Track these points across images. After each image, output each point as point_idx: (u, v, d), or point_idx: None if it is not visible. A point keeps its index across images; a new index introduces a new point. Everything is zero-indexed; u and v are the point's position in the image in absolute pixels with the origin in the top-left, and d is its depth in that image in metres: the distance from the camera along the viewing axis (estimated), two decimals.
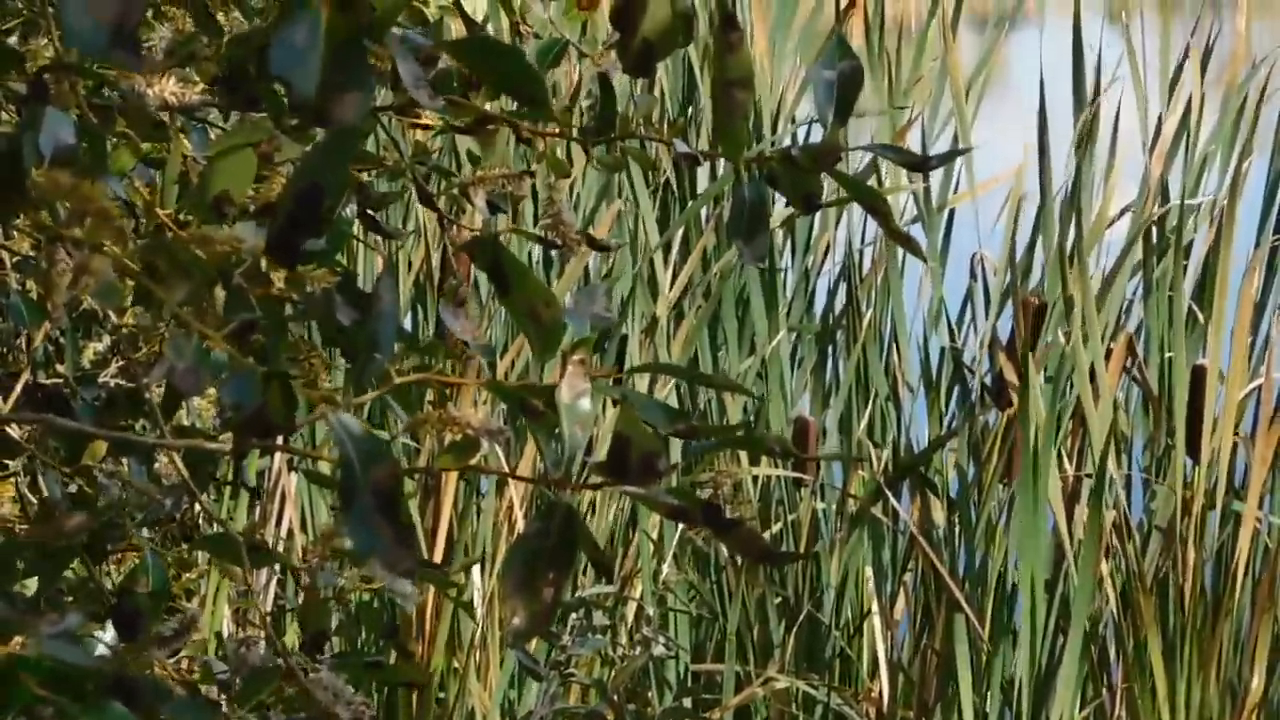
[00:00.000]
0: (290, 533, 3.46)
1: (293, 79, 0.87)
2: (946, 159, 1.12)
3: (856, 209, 4.30)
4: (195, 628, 1.04)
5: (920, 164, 1.10)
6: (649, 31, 1.04)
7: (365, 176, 1.37)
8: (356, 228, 1.43)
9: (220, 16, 1.26)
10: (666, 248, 3.97)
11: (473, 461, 1.01)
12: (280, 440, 1.04)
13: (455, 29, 1.53)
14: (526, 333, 0.95)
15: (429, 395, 2.83)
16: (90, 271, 0.96)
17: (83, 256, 0.95)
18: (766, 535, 3.85)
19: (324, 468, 2.63)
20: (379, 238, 3.34)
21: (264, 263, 1.04)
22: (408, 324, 3.78)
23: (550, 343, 0.94)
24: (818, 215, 4.36)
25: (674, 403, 3.79)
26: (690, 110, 4.53)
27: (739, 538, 0.96)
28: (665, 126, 1.81)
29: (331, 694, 0.95)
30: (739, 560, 3.54)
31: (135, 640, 1.08)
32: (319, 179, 0.85)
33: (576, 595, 2.56)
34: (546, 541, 0.92)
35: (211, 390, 1.00)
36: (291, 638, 3.05)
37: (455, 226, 1.32)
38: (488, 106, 1.29)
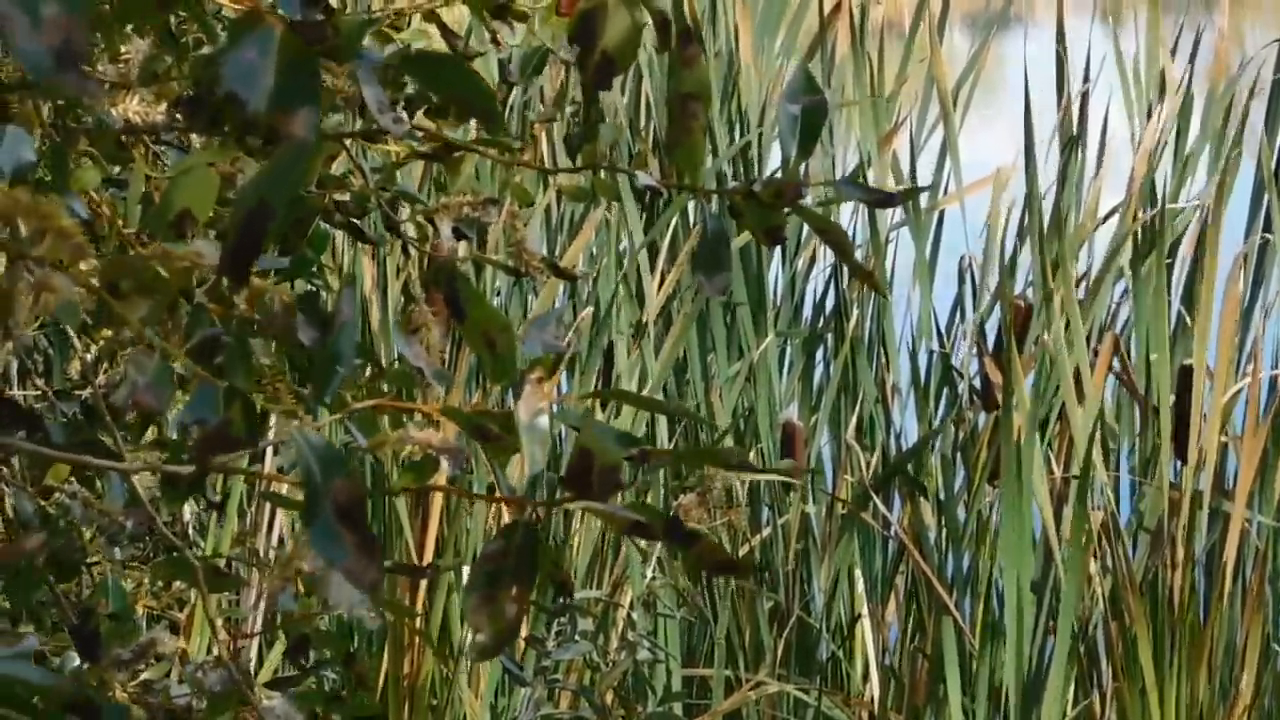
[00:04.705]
0: (281, 540, 3.47)
1: (244, 94, 0.87)
2: (910, 195, 1.13)
3: (844, 209, 4.30)
4: (154, 650, 1.04)
5: (885, 201, 1.10)
6: (608, 44, 1.04)
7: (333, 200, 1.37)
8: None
9: (184, 38, 1.26)
10: (654, 252, 3.96)
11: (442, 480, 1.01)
12: (246, 456, 1.04)
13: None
14: (482, 359, 0.95)
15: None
16: (51, 289, 0.96)
17: (43, 274, 0.96)
18: (756, 539, 3.86)
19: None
20: (364, 245, 3.34)
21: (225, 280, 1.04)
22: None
23: (504, 370, 0.95)
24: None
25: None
26: None
27: (699, 551, 0.96)
28: (650, 143, 1.81)
29: None
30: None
31: (96, 661, 1.08)
32: (268, 197, 0.86)
33: (563, 601, 2.56)
34: (507, 560, 0.92)
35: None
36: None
37: (423, 252, 1.33)
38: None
